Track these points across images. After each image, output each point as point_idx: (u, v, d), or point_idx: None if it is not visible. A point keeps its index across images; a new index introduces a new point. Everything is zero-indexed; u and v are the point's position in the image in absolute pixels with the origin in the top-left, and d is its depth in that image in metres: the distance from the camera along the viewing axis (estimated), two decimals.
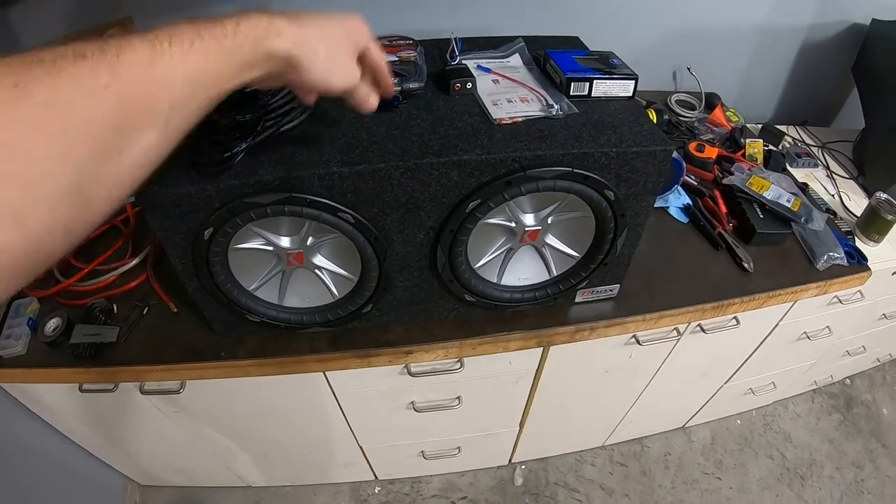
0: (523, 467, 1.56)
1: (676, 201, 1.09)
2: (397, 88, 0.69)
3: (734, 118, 1.30)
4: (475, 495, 1.50)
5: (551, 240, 0.78)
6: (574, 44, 0.89)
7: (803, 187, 1.16)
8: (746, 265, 0.97)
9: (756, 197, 1.03)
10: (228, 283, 0.72)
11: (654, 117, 1.18)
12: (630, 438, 1.62)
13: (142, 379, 0.87)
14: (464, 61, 0.79)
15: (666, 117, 1.27)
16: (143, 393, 0.90)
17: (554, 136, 0.66)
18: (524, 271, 0.83)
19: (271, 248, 0.70)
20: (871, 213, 1.07)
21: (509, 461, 1.52)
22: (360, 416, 1.11)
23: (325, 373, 0.92)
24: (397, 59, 0.75)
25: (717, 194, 1.09)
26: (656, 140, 0.67)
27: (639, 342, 0.98)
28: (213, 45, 0.34)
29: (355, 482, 1.50)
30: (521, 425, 1.27)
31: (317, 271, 0.75)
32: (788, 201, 1.02)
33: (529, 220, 0.74)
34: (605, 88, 0.73)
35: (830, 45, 1.41)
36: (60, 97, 0.26)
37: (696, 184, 1.12)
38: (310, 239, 0.70)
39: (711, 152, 1.15)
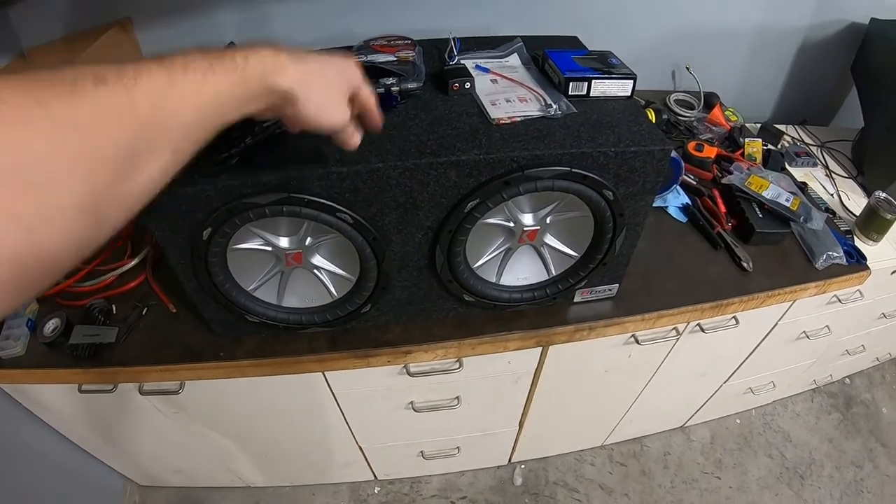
0: (523, 467, 1.56)
1: (675, 201, 1.09)
2: (395, 89, 0.69)
3: (733, 117, 1.30)
4: (475, 495, 1.50)
5: (550, 240, 0.78)
6: (572, 43, 0.89)
7: (802, 186, 1.16)
8: (745, 265, 0.97)
9: (755, 196, 1.03)
10: (227, 283, 0.72)
11: (653, 117, 1.18)
12: (629, 438, 1.62)
13: (141, 379, 0.87)
14: (462, 61, 0.79)
15: (665, 117, 1.26)
16: (143, 393, 0.90)
17: (552, 135, 0.66)
18: (523, 271, 0.83)
19: (270, 249, 0.70)
20: (870, 213, 1.07)
21: (509, 461, 1.51)
22: (360, 417, 1.11)
23: (324, 373, 0.92)
24: (395, 58, 0.75)
25: (716, 194, 1.09)
26: (655, 139, 0.67)
27: (638, 342, 0.98)
28: (223, 77, 0.36)
29: (355, 482, 1.50)
30: (521, 425, 1.27)
31: (315, 271, 0.75)
32: (787, 200, 1.02)
33: (528, 219, 0.74)
34: (603, 88, 0.73)
35: (829, 44, 1.41)
36: (80, 118, 0.27)
37: (694, 183, 1.12)
38: (308, 239, 0.70)
39: (710, 152, 1.15)
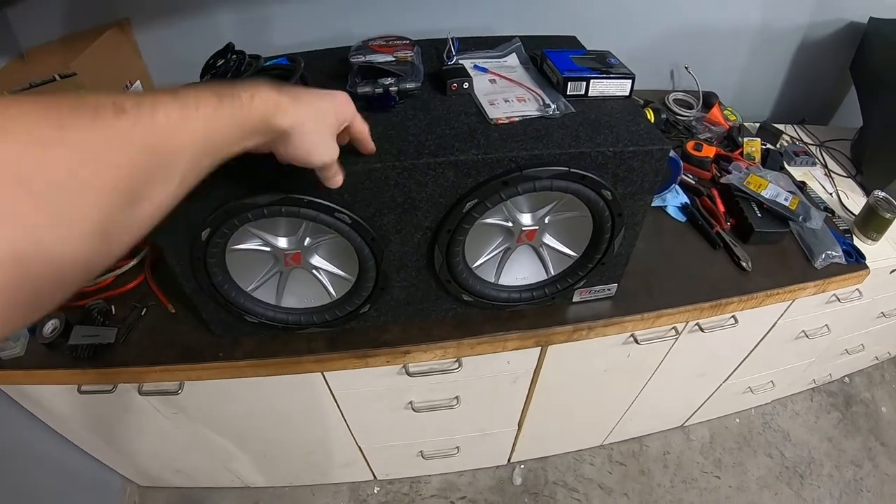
0: (522, 467, 1.56)
1: (674, 200, 1.09)
2: (393, 89, 0.69)
3: (732, 117, 1.30)
4: (474, 495, 1.50)
5: (549, 239, 0.78)
6: (571, 43, 0.89)
7: (801, 186, 1.16)
8: (744, 264, 0.97)
9: (754, 196, 1.03)
10: (226, 283, 0.72)
11: (652, 116, 1.18)
12: (629, 437, 1.62)
13: (140, 380, 0.87)
14: (460, 61, 0.79)
15: (663, 116, 1.26)
16: (142, 394, 0.90)
17: (551, 135, 0.66)
18: (522, 271, 0.83)
19: (269, 249, 0.70)
20: (869, 212, 1.07)
21: (508, 461, 1.52)
22: (359, 417, 1.11)
23: (324, 373, 0.92)
24: (394, 59, 0.75)
25: (714, 193, 1.09)
26: (653, 139, 0.67)
27: (637, 341, 0.98)
28: (229, 114, 0.38)
29: (354, 482, 1.50)
30: (520, 425, 1.27)
31: (314, 272, 0.75)
32: (786, 200, 1.02)
33: (527, 219, 0.74)
34: (601, 88, 0.73)
35: (828, 43, 1.41)
36: (99, 145, 0.28)
37: (693, 183, 1.12)
38: (307, 239, 0.71)
39: (709, 151, 1.15)
